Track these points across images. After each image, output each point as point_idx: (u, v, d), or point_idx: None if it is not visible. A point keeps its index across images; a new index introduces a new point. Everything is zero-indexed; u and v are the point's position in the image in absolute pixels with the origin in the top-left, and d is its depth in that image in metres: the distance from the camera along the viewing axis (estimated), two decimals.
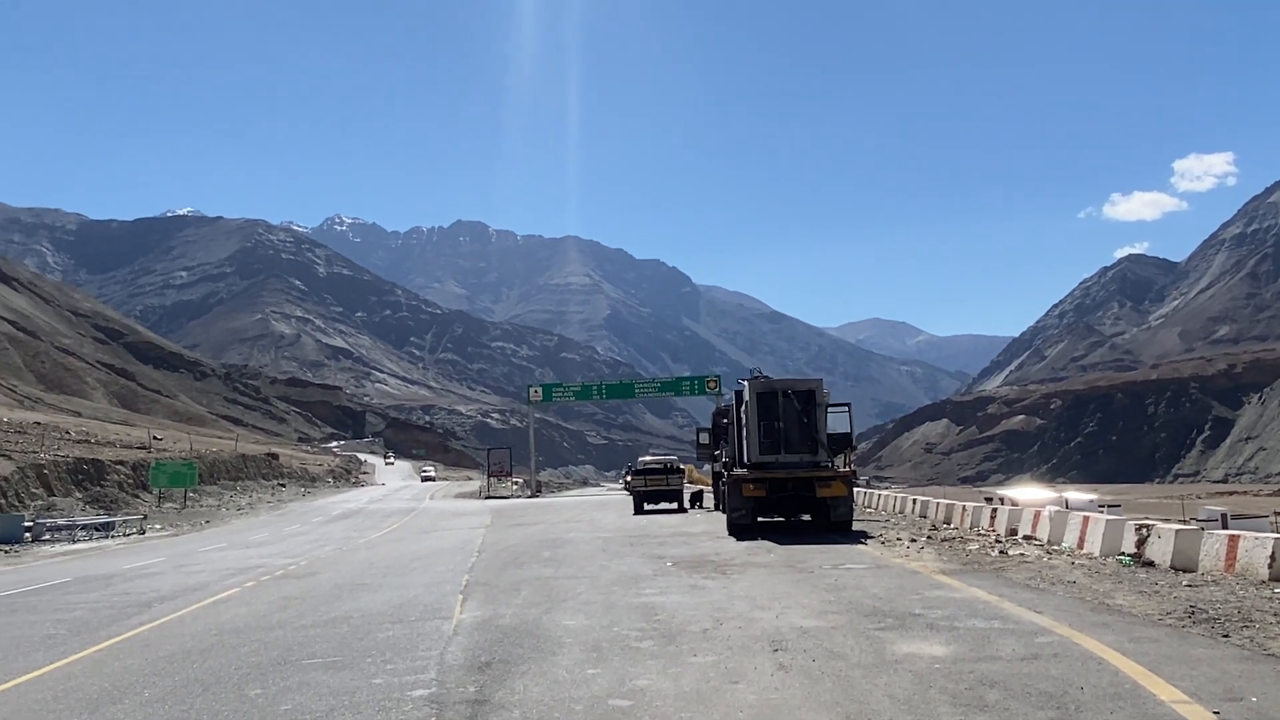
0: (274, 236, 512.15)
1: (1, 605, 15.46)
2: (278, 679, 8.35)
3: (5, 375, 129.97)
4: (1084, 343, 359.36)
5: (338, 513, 49.16)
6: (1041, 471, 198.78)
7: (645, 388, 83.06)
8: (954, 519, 22.88)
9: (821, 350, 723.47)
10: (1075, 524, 16.75)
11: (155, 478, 51.75)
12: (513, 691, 7.47)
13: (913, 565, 14.77)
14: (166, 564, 22.76)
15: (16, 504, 38.86)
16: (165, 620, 12.64)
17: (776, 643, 8.89)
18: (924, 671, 7.55)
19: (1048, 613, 10.10)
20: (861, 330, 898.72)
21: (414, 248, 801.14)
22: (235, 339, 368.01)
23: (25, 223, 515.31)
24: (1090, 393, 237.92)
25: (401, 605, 12.83)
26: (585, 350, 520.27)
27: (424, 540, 26.74)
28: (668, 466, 37.22)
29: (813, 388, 21.99)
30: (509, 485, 69.13)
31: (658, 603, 11.85)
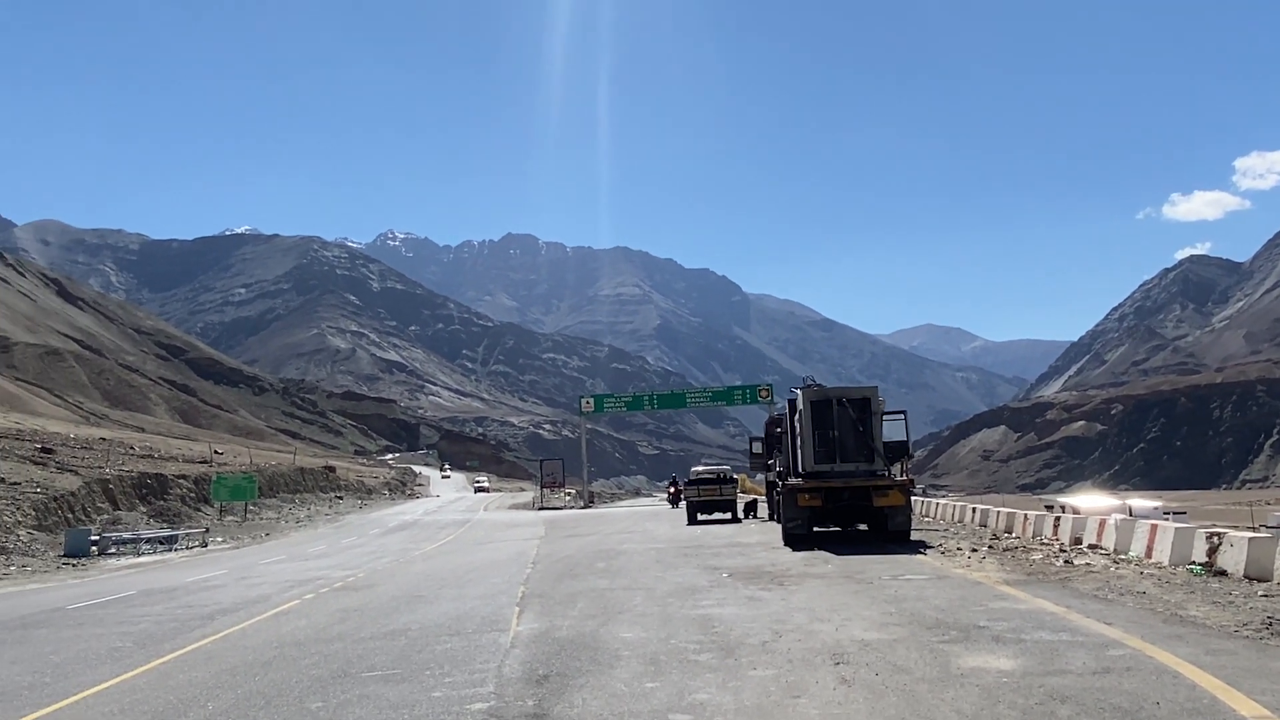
0: (329, 253, 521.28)
1: (69, 618, 15.78)
2: (338, 692, 8.39)
3: (72, 392, 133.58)
4: (1145, 346, 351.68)
5: (394, 524, 49.63)
6: (1103, 479, 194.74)
7: (697, 397, 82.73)
8: (1015, 528, 22.42)
9: (874, 357, 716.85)
10: (1142, 532, 16.31)
11: (216, 491, 52.68)
12: (571, 705, 7.42)
13: (975, 576, 14.46)
14: (228, 576, 23.11)
15: (83, 518, 39.78)
16: (228, 633, 12.81)
17: (838, 656, 8.74)
18: (991, 686, 7.35)
19: (1118, 624, 9.81)
20: (915, 336, 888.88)
21: (465, 261, 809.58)
22: (292, 354, 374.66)
23: (90, 243, 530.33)
24: (1153, 397, 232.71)
25: (459, 617, 12.86)
26: (636, 360, 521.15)
27: (479, 552, 26.87)
28: (721, 476, 37.05)
29: (868, 395, 21.74)
30: (562, 496, 69.32)
31: (715, 615, 11.73)
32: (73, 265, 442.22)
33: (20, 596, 21.31)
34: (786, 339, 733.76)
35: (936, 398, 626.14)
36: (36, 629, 14.43)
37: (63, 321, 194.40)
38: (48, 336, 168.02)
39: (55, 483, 41.28)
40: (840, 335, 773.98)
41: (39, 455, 48.43)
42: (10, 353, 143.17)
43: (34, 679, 10.00)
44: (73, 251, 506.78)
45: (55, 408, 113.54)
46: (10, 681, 9.90)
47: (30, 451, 49.18)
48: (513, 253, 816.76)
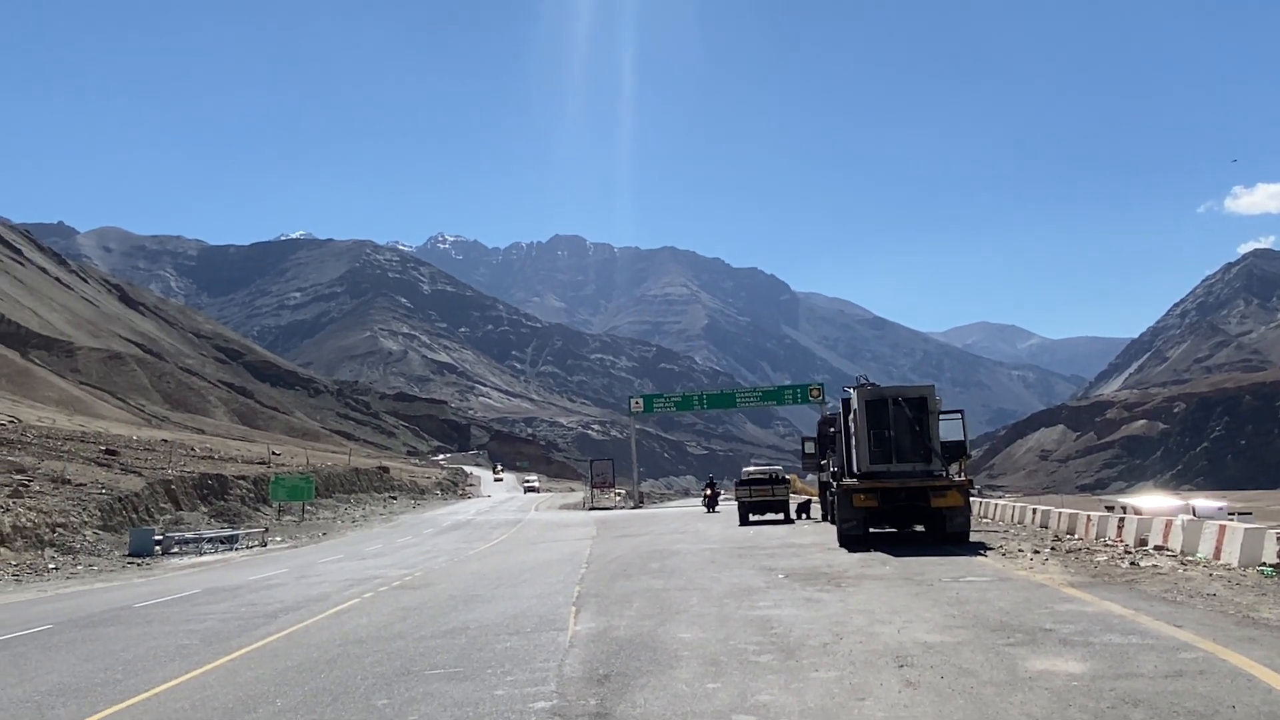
0: (381, 256, 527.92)
1: (137, 616, 16.14)
2: (402, 689, 8.48)
3: (134, 395, 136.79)
4: (1208, 343, 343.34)
5: (447, 524, 50.10)
6: (1165, 479, 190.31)
7: (746, 397, 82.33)
8: (1077, 529, 22.00)
9: (927, 356, 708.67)
10: (1210, 533, 15.92)
11: (275, 492, 53.58)
12: (634, 705, 7.42)
13: (1038, 578, 14.21)
14: (289, 575, 23.49)
15: (147, 518, 40.70)
16: (291, 630, 13.01)
17: (901, 658, 8.63)
18: (1061, 689, 7.22)
19: (1189, 627, 9.58)
20: (969, 334, 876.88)
21: (514, 263, 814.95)
22: (346, 356, 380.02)
23: (150, 250, 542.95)
24: (1216, 395, 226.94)
25: (516, 616, 12.93)
26: (684, 360, 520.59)
27: (532, 551, 27.01)
28: (773, 476, 36.75)
29: (925, 394, 21.47)
30: (612, 496, 69.48)
31: (773, 615, 11.66)
32: (133, 271, 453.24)
33: (89, 595, 21.86)
34: (836, 338, 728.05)
35: (992, 397, 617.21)
36: (106, 627, 14.79)
37: (124, 326, 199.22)
38: (110, 341, 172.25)
39: (119, 483, 42.28)
40: (892, 333, 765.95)
41: (103, 457, 49.67)
42: (74, 357, 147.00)
43: (106, 675, 10.25)
44: (133, 257, 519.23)
45: (118, 410, 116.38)
46: (84, 678, 10.15)
47: (95, 453, 50.46)
48: (561, 254, 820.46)
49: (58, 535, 32.91)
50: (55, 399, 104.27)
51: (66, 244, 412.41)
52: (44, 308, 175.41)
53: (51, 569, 29.08)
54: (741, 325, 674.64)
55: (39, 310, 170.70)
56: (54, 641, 13.33)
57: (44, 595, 22.52)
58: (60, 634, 14.17)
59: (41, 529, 32.47)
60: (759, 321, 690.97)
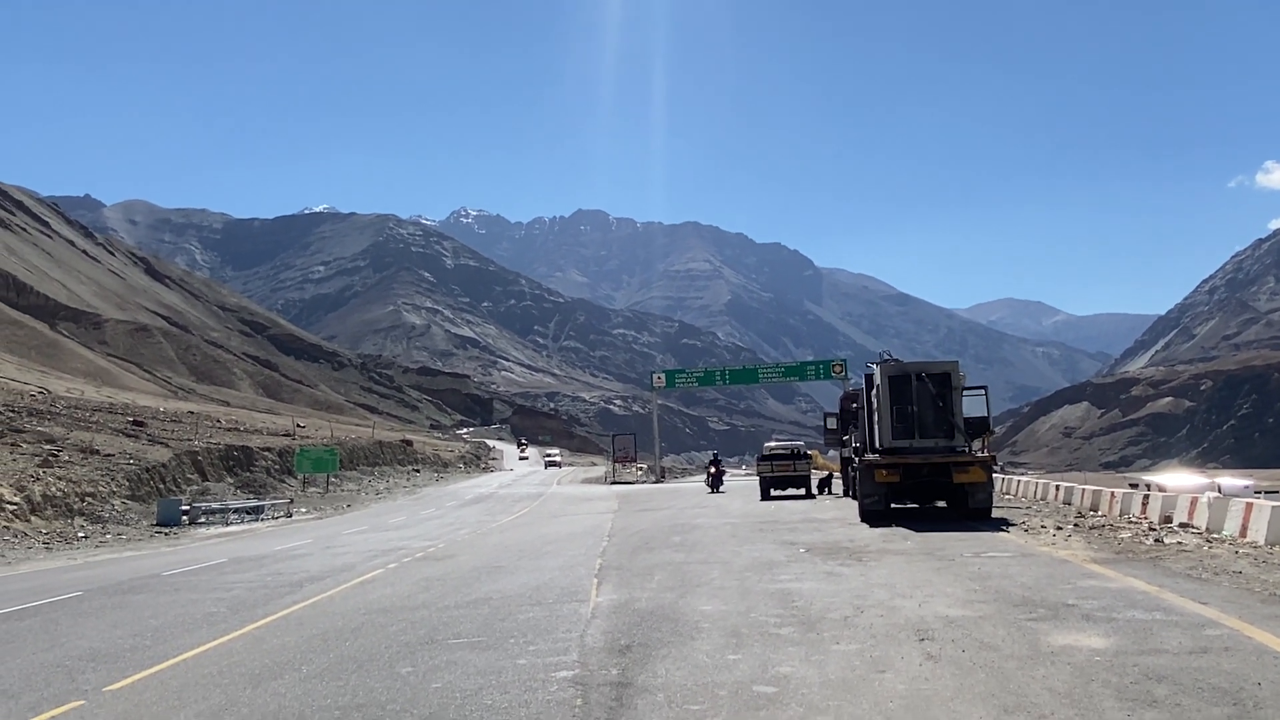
0: (404, 230, 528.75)
1: (165, 584, 16.38)
2: (426, 657, 8.57)
3: (160, 367, 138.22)
4: (1237, 319, 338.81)
5: (470, 497, 50.46)
6: (1190, 456, 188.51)
7: (769, 373, 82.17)
8: (1101, 506, 21.86)
9: (951, 332, 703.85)
10: (1237, 510, 15.78)
11: (300, 464, 54.10)
12: (655, 675, 7.46)
13: (1061, 554, 14.15)
14: (314, 546, 23.75)
15: (174, 489, 41.21)
16: (316, 599, 13.17)
17: (922, 632, 8.63)
18: (1084, 664, 7.19)
19: (1214, 604, 9.51)
20: (993, 311, 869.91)
21: (536, 238, 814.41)
22: (369, 330, 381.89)
23: (175, 223, 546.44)
24: (1244, 372, 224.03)
25: (538, 588, 13.02)
26: (706, 336, 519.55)
27: (554, 524, 27.17)
28: (795, 452, 36.81)
29: (948, 370, 21.36)
30: (633, 471, 69.67)
31: (794, 589, 11.68)
32: (159, 244, 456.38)
33: (118, 563, 22.20)
34: (860, 314, 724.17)
35: (1015, 373, 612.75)
36: (135, 594, 15.02)
37: (151, 299, 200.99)
38: (137, 313, 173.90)
39: (147, 454, 42.80)
40: (915, 310, 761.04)
41: (131, 428, 50.27)
42: (102, 329, 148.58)
43: (135, 641, 10.41)
44: (159, 230, 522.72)
45: (145, 382, 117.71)
46: (113, 644, 10.32)
47: (122, 424, 51.07)
48: (583, 229, 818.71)
49: (87, 504, 33.40)
50: (83, 370, 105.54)
51: (93, 217, 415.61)
52: (72, 280, 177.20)
53: (81, 538, 29.53)
54: (764, 301, 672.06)
55: (67, 283, 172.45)
56: (84, 608, 13.55)
57: (74, 563, 22.90)
58: (90, 601, 14.40)
59: (71, 498, 32.95)
60: (782, 297, 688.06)
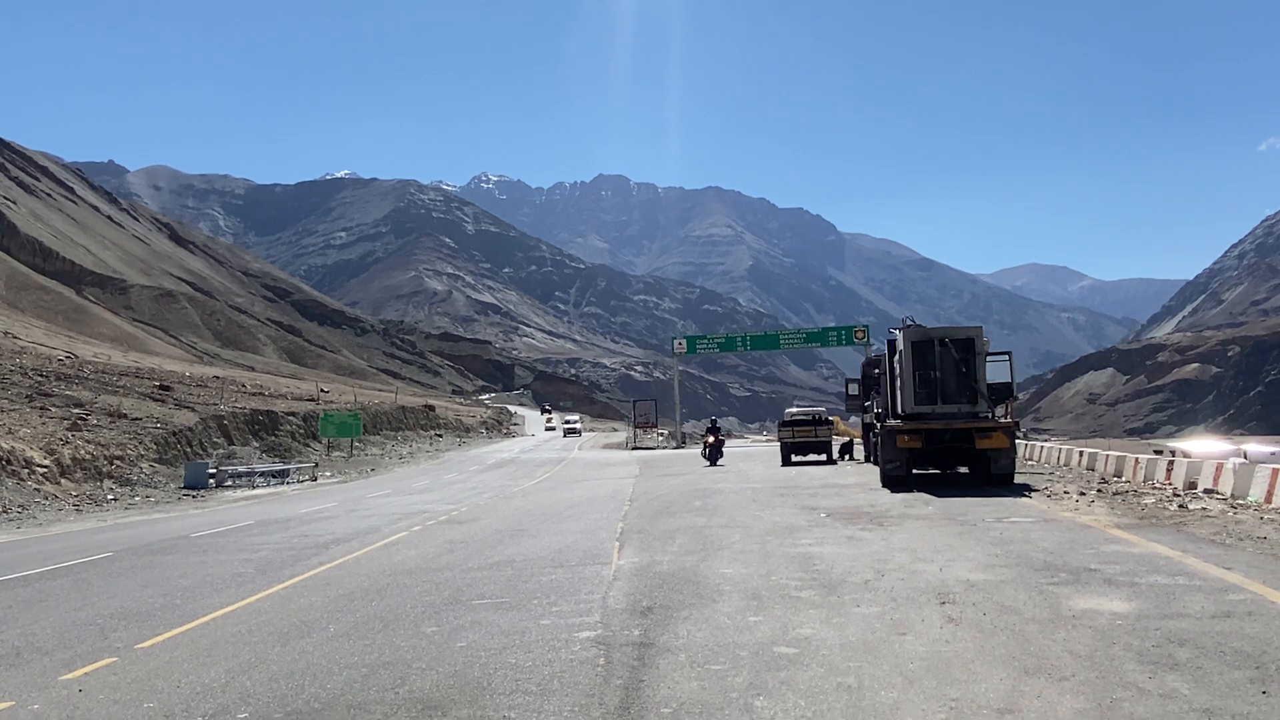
0: (425, 196, 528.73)
1: (194, 545, 16.63)
2: (451, 617, 8.68)
3: (185, 333, 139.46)
4: (1266, 285, 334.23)
5: (492, 462, 50.80)
6: (1217, 423, 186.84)
7: (790, 338, 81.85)
8: (1125, 472, 21.75)
9: (975, 298, 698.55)
10: (1263, 476, 15.65)
11: (324, 428, 54.58)
12: (677, 636, 7.53)
13: (1083, 519, 14.11)
14: (339, 509, 24.03)
15: (201, 452, 41.73)
16: (342, 560, 13.34)
17: (943, 595, 8.65)
18: (1105, 628, 7.20)
19: (1238, 569, 9.47)
20: (1018, 276, 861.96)
21: (557, 203, 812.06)
22: (391, 296, 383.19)
23: (198, 189, 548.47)
24: (1273, 338, 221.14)
25: (561, 550, 13.13)
26: (728, 302, 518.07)
27: (576, 489, 27.34)
28: (816, 418, 36.80)
29: (972, 336, 21.24)
30: (654, 436, 69.85)
31: (815, 553, 11.72)
32: (183, 210, 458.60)
33: (147, 525, 22.55)
34: (883, 279, 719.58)
35: (1040, 339, 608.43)
36: (164, 555, 15.26)
37: (175, 264, 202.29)
38: (161, 279, 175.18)
39: (173, 418, 43.30)
40: (939, 275, 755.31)
41: (157, 392, 50.83)
42: (127, 294, 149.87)
43: (165, 601, 10.60)
44: (182, 196, 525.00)
45: (170, 347, 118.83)
46: (144, 603, 10.51)
47: (149, 389, 51.65)
48: (604, 194, 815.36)
49: (115, 467, 33.89)
50: (110, 335, 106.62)
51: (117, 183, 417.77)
52: (97, 246, 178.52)
53: (110, 500, 30.01)
54: (786, 266, 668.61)
55: (92, 248, 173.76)
56: (115, 568, 13.80)
57: (103, 525, 23.29)
58: (120, 561, 14.65)
59: (100, 461, 33.44)
60: (804, 263, 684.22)
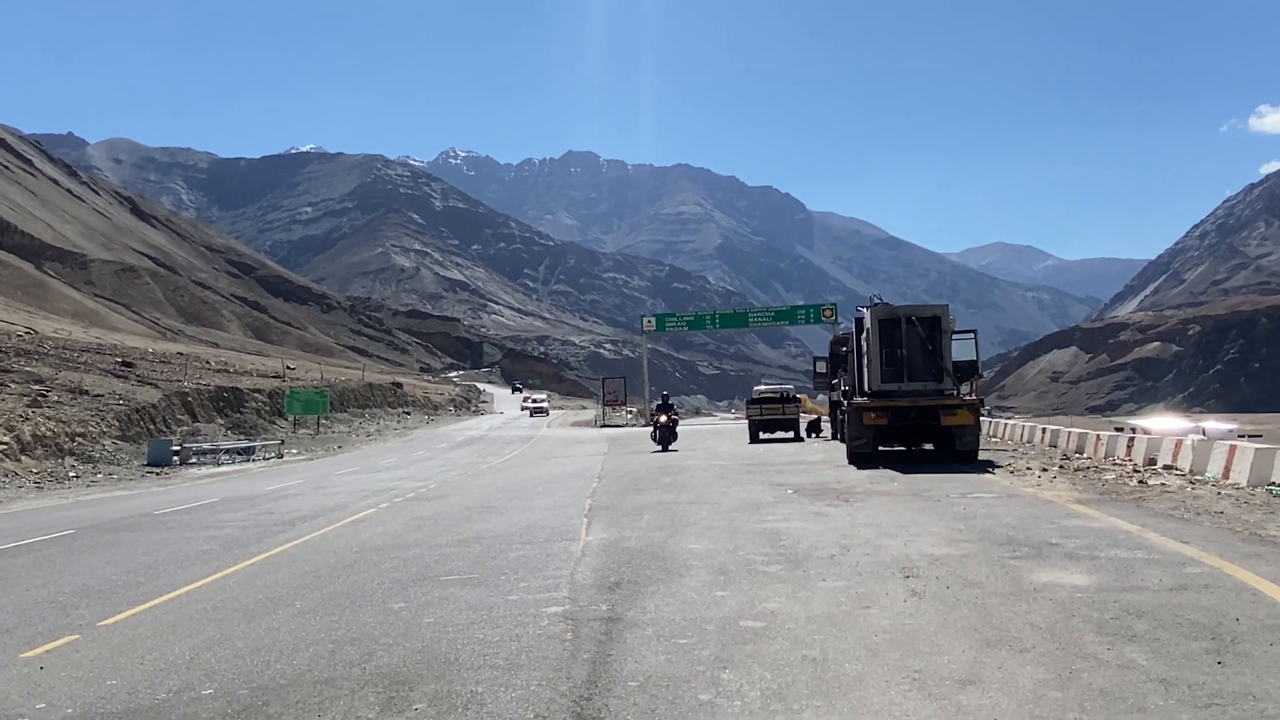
0: (392, 171, 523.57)
1: (157, 523, 16.47)
2: (418, 594, 8.67)
3: (148, 308, 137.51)
4: (1226, 265, 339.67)
5: (460, 439, 50.65)
6: (1176, 401, 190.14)
7: (759, 316, 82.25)
8: (1086, 448, 22.08)
9: (941, 277, 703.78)
10: (1220, 453, 15.96)
11: (290, 405, 54.13)
12: (644, 610, 7.57)
13: (1045, 495, 14.33)
14: (305, 486, 23.88)
15: (164, 429, 41.25)
16: (309, 538, 13.27)
17: (907, 569, 8.75)
18: (1066, 600, 7.32)
19: (1195, 543, 9.66)
20: (985, 255, 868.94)
21: (526, 180, 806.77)
22: (358, 272, 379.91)
23: (160, 162, 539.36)
24: (1232, 317, 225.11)
25: (529, 527, 13.14)
26: (697, 280, 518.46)
27: (545, 466, 27.34)
28: (784, 395, 37.10)
29: (938, 314, 21.42)
30: (623, 414, 69.95)
31: (781, 528, 11.81)
32: (145, 183, 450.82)
33: (110, 502, 22.30)
34: (851, 258, 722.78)
35: (1005, 318, 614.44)
36: (127, 532, 15.10)
37: (137, 239, 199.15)
38: (123, 254, 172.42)
39: (136, 395, 42.75)
40: (906, 254, 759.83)
41: (120, 369, 50.13)
42: (89, 269, 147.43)
43: (129, 578, 10.50)
44: (144, 170, 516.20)
45: (133, 323, 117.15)
46: (107, 580, 10.40)
47: (112, 365, 50.92)
48: (573, 171, 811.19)
49: (77, 444, 33.43)
50: (71, 311, 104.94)
51: (77, 155, 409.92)
52: (57, 219, 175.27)
53: (72, 477, 29.63)
54: (755, 245, 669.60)
55: (52, 222, 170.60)
56: (77, 546, 13.63)
57: (65, 502, 23.00)
58: (83, 539, 14.48)
59: (61, 438, 32.97)
60: (773, 241, 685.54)
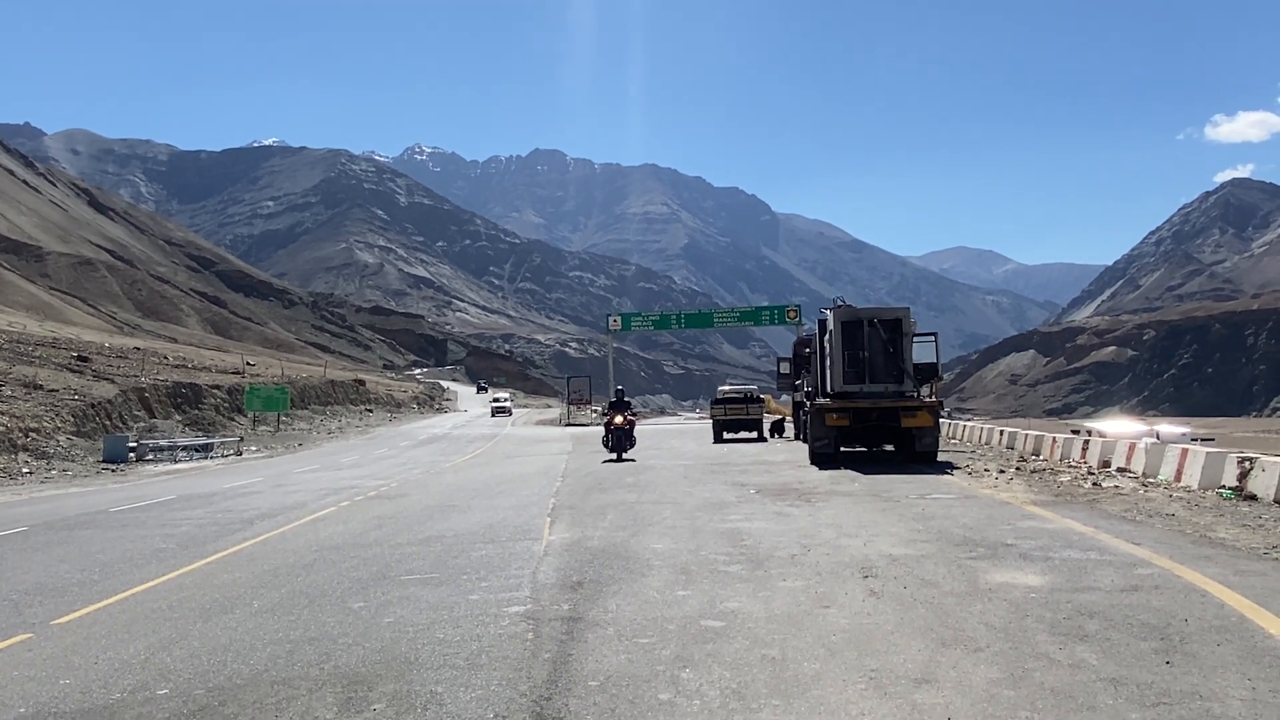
0: (356, 166, 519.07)
1: (113, 520, 16.23)
2: (379, 593, 8.62)
3: (105, 302, 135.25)
4: (1181, 271, 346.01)
5: (423, 437, 50.35)
6: (1131, 404, 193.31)
7: (724, 317, 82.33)
8: (1043, 451, 22.42)
9: (904, 280, 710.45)
10: (1173, 456, 16.27)
11: (250, 402, 53.53)
12: (606, 610, 7.59)
13: (1002, 496, 14.54)
14: (265, 484, 23.63)
15: (120, 425, 40.64)
16: (267, 536, 13.14)
17: (866, 569, 8.85)
18: (1020, 601, 7.44)
19: (1146, 545, 9.85)
20: (946, 259, 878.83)
21: (492, 177, 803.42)
22: (321, 268, 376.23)
23: (119, 153, 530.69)
24: (1186, 323, 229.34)
25: (491, 526, 13.11)
26: (663, 280, 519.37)
27: (508, 465, 27.26)
28: (748, 396, 37.35)
29: (899, 316, 21.64)
30: (588, 413, 69.89)
31: (743, 528, 11.89)
32: (102, 175, 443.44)
33: (64, 499, 21.93)
34: (815, 260, 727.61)
35: (966, 321, 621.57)
36: (82, 530, 14.86)
37: (94, 232, 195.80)
38: (80, 246, 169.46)
39: (92, 390, 42.07)
40: (870, 257, 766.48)
41: (75, 363, 49.30)
42: (44, 262, 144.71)
43: (83, 576, 10.34)
44: (102, 161, 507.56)
45: (89, 317, 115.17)
46: (60, 578, 10.24)
47: (67, 359, 50.07)
48: (540, 169, 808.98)
49: (31, 440, 32.85)
50: (25, 304, 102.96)
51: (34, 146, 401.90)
52: (12, 211, 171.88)
53: (25, 473, 29.10)
54: (721, 245, 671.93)
55: (6, 214, 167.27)
56: (30, 543, 13.40)
57: (18, 498, 22.59)
58: (36, 536, 14.24)
59: (14, 433, 32.38)
60: (739, 242, 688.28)
